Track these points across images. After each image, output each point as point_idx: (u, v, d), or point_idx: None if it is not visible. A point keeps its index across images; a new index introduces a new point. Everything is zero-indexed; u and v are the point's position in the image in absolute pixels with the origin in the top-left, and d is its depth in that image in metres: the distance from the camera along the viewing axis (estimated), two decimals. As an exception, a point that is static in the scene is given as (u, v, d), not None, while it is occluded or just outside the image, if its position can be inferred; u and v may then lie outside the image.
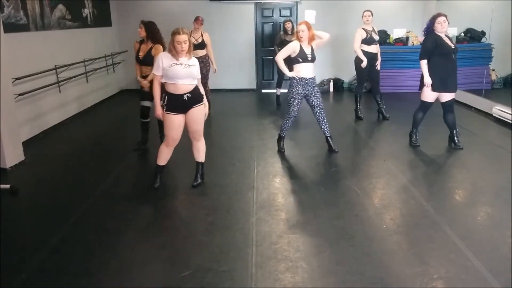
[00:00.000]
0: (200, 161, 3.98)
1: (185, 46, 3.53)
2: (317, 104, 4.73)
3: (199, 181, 3.98)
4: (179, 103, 3.63)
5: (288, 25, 7.01)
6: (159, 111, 3.72)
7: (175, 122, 3.68)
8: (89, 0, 7.47)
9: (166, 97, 3.65)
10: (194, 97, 3.68)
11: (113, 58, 8.39)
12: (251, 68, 9.15)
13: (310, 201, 3.67)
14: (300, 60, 4.55)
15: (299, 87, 4.62)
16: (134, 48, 4.86)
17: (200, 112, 3.74)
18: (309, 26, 4.57)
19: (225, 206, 3.61)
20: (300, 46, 4.56)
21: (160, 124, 4.37)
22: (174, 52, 3.56)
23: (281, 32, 7.18)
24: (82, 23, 7.20)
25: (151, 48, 4.66)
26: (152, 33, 4.66)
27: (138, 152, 5.00)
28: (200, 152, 3.95)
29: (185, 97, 3.62)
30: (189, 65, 3.59)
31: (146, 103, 4.88)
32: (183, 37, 3.51)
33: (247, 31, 8.94)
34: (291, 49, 4.59)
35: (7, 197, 3.80)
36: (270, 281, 2.56)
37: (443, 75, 4.61)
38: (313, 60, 4.61)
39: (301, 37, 4.55)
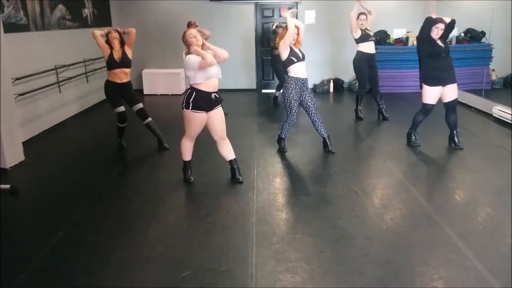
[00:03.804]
0: (234, 157, 4.06)
1: (199, 37, 3.65)
2: (311, 104, 4.71)
3: (241, 178, 4.04)
4: (207, 101, 3.74)
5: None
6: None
7: (200, 121, 3.79)
8: (89, 0, 7.47)
9: (194, 93, 3.69)
10: (219, 97, 3.85)
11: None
12: (251, 68, 9.15)
13: (310, 201, 3.67)
14: (295, 59, 4.53)
15: (297, 88, 4.59)
16: (105, 49, 4.76)
17: (221, 112, 3.92)
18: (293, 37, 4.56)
19: (225, 206, 3.61)
20: (290, 46, 4.55)
21: None
22: (191, 47, 3.64)
23: (272, 37, 7.10)
24: (82, 23, 7.20)
25: (123, 51, 4.78)
26: (123, 38, 4.85)
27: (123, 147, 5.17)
28: (230, 149, 4.04)
29: (213, 95, 3.75)
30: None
31: (121, 109, 4.94)
32: (192, 31, 3.68)
33: (247, 31, 8.94)
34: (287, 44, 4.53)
35: (7, 197, 3.80)
36: (270, 281, 2.56)
37: (438, 72, 4.63)
38: (304, 58, 4.61)
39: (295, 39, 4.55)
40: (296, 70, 4.57)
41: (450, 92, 4.70)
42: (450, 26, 4.70)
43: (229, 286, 2.53)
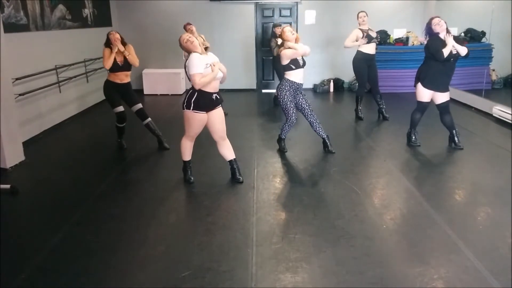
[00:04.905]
0: (233, 157, 4.06)
1: (193, 39, 3.69)
2: (306, 106, 4.71)
3: (241, 178, 4.05)
4: (208, 102, 3.75)
5: (278, 30, 6.93)
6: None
7: (201, 121, 3.81)
8: (89, 0, 7.47)
9: (196, 94, 3.70)
10: (220, 98, 3.86)
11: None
12: (251, 68, 9.15)
13: (310, 201, 3.67)
14: (293, 67, 4.52)
15: (291, 91, 4.59)
16: (104, 55, 4.68)
17: (222, 112, 3.93)
18: (292, 31, 4.54)
19: (225, 206, 3.61)
20: None
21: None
22: (195, 50, 3.68)
23: (273, 39, 7.00)
24: (82, 23, 7.20)
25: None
26: (123, 39, 4.82)
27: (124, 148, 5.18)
28: (230, 149, 4.04)
29: (214, 96, 3.76)
30: (215, 64, 3.72)
31: (120, 109, 4.93)
32: (185, 36, 3.75)
33: (247, 31, 8.94)
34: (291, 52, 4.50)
35: (7, 197, 3.80)
36: (270, 281, 2.56)
37: (437, 77, 4.63)
38: (304, 65, 4.61)
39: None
40: (293, 75, 4.58)
41: (442, 95, 4.71)
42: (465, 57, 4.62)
43: (229, 286, 2.53)
